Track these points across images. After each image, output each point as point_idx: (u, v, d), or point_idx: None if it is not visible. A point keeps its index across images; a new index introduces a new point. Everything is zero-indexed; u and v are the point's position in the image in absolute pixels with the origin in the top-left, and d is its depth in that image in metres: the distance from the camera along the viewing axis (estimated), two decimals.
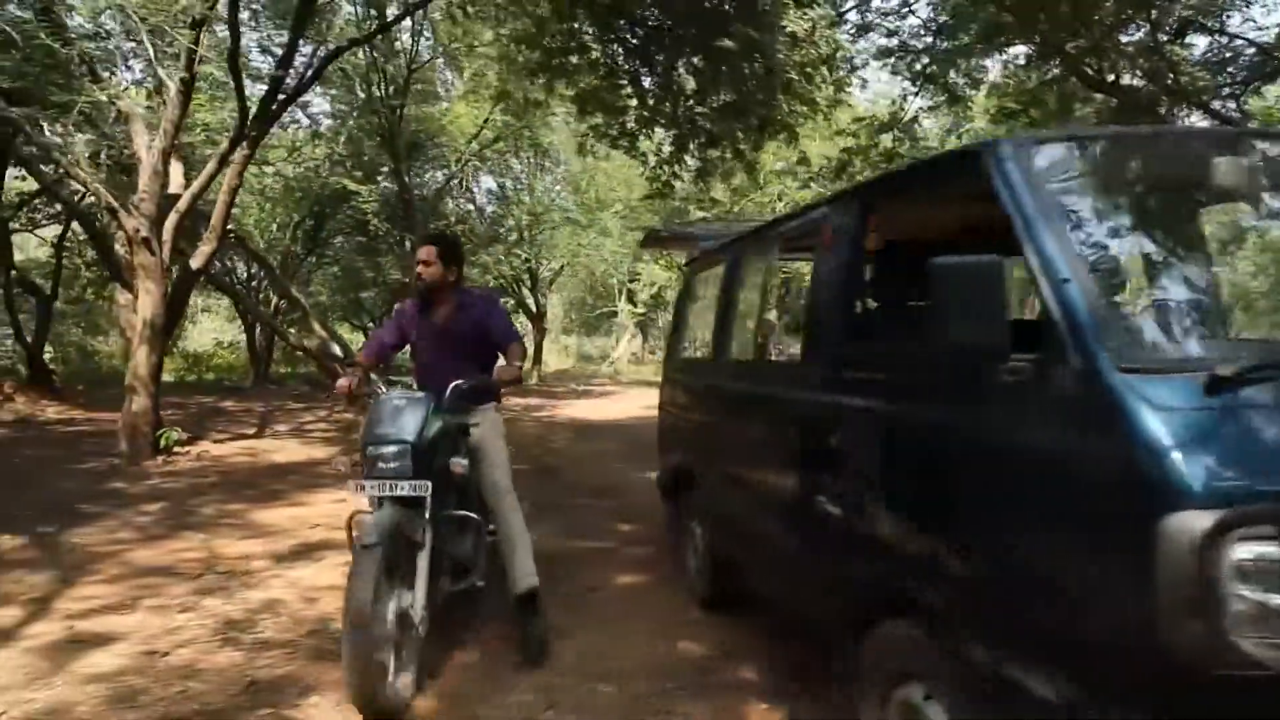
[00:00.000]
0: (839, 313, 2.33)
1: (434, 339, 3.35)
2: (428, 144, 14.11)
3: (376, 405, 2.91)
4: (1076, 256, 1.48)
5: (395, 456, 2.68)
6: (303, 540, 4.86)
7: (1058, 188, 1.64)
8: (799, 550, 2.45)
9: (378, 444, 2.72)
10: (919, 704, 1.87)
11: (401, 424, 2.73)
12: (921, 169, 2.10)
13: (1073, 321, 1.41)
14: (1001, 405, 1.54)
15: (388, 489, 2.66)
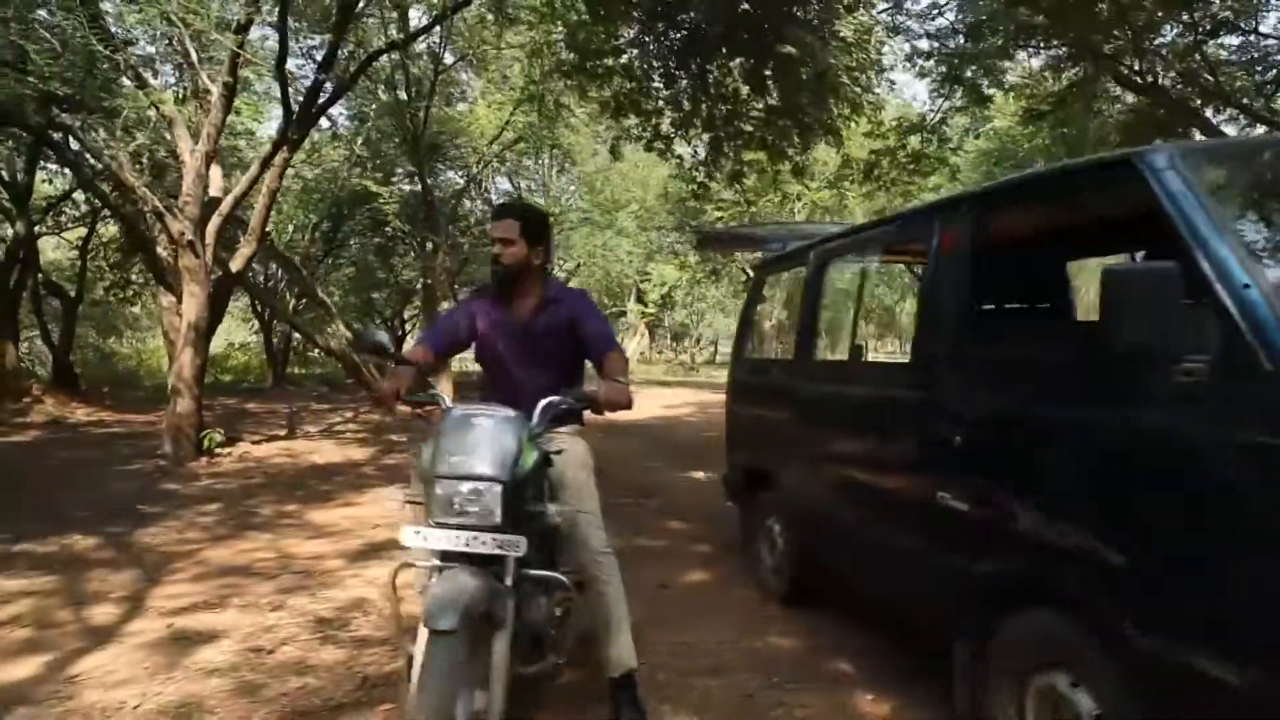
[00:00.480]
0: (959, 314, 2.39)
1: (511, 340, 2.65)
2: (448, 145, 14.18)
3: (449, 422, 2.07)
4: (1253, 261, 1.55)
5: (479, 499, 1.91)
6: (367, 540, 4.93)
7: (1218, 194, 1.71)
8: (914, 545, 2.51)
9: (453, 478, 1.93)
10: (1065, 691, 1.94)
11: (488, 452, 1.95)
12: (1059, 176, 2.17)
13: (1258, 325, 1.47)
14: (1176, 405, 1.61)
15: (463, 542, 1.90)
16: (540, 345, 2.63)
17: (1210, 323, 1.56)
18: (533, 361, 2.63)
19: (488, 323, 2.68)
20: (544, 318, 2.63)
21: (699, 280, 23.35)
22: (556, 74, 9.00)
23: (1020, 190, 2.28)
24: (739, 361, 4.44)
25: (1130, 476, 1.73)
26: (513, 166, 16.57)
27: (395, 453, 8.58)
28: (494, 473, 1.92)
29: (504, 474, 1.93)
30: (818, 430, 3.36)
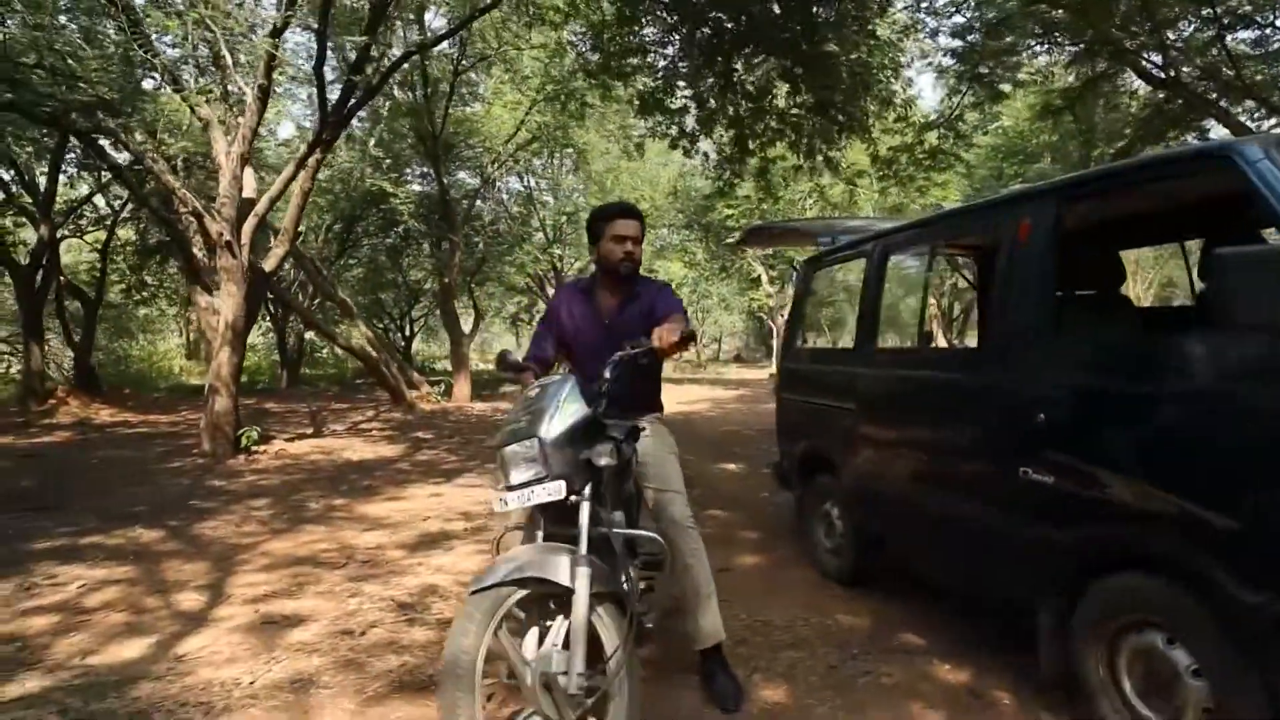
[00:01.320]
0: (1039, 300, 2.52)
1: (597, 332, 2.71)
2: (462, 145, 14.28)
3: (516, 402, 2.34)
4: None
5: (524, 456, 2.13)
6: (422, 532, 5.05)
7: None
8: (996, 520, 2.64)
9: (506, 443, 2.18)
10: (1161, 648, 2.07)
11: (528, 415, 2.18)
12: (1147, 167, 2.30)
13: None
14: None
15: (524, 498, 2.12)
16: (625, 337, 2.57)
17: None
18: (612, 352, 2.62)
19: (575, 316, 2.78)
20: (629, 310, 2.73)
21: (707, 277, 23.49)
22: (580, 73, 9.10)
23: (1105, 180, 2.41)
24: (791, 352, 4.57)
25: (1232, 444, 1.86)
26: (524, 166, 16.69)
27: (425, 449, 8.70)
28: (532, 430, 2.11)
29: (543, 430, 2.10)
30: (885, 415, 3.48)
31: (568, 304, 2.81)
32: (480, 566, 4.26)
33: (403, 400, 12.26)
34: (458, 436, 9.73)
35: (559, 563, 2.02)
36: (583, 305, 2.78)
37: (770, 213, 17.13)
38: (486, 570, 2.03)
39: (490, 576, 2.00)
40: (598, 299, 2.78)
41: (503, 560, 2.06)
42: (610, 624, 2.05)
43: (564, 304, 2.82)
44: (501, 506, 2.18)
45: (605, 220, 2.72)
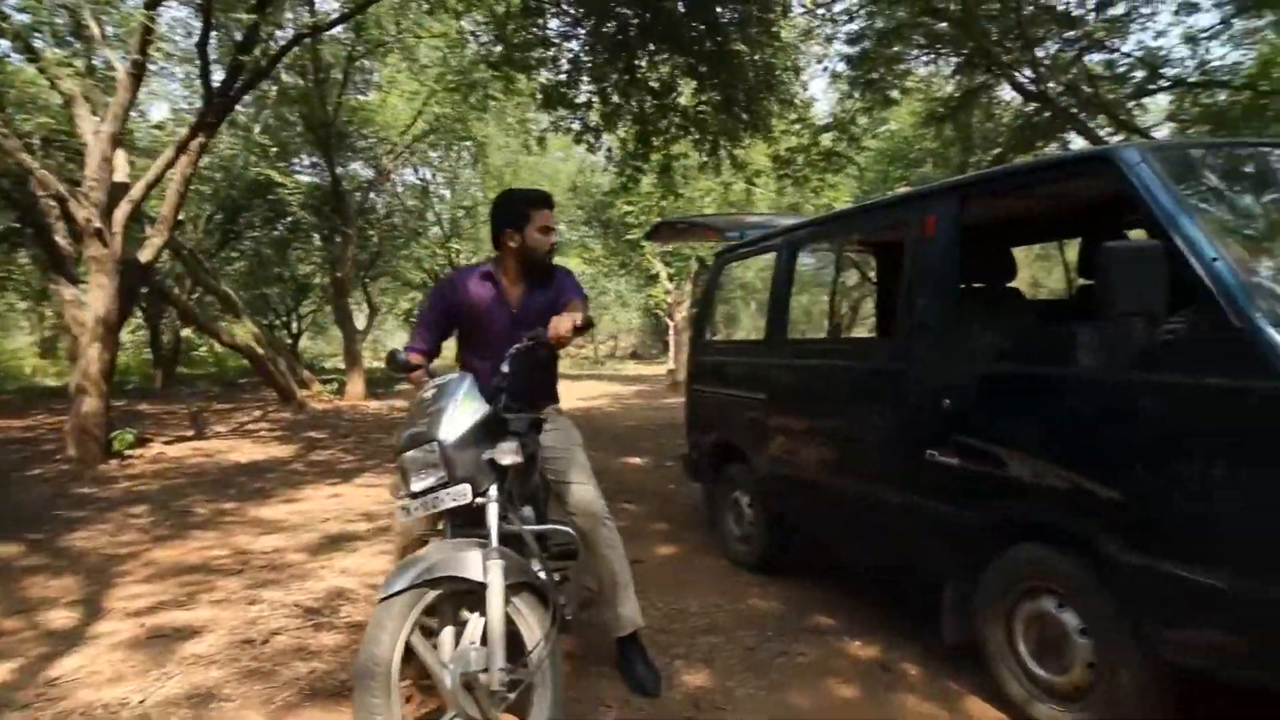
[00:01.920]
0: (945, 293, 2.68)
1: (506, 325, 2.58)
2: (355, 135, 13.70)
3: (411, 404, 2.30)
4: (1221, 239, 1.87)
5: (424, 462, 2.08)
6: (324, 534, 4.83)
7: (1183, 184, 2.04)
8: (904, 500, 2.78)
9: (405, 449, 2.14)
10: (1053, 612, 2.25)
11: (426, 418, 2.12)
12: (1040, 168, 2.48)
13: (1227, 291, 1.79)
14: (1160, 359, 1.91)
15: (429, 505, 2.07)
16: (532, 325, 2.50)
17: (1186, 290, 1.87)
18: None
19: (480, 303, 2.63)
20: (538, 298, 2.65)
21: (606, 274, 23.50)
22: (483, 64, 8.92)
23: (1003, 180, 2.59)
24: (700, 345, 4.64)
25: (1116, 423, 2.03)
26: (421, 158, 16.19)
27: (320, 449, 8.32)
28: (431, 434, 2.07)
29: (439, 431, 2.06)
30: (796, 405, 3.60)
31: (468, 290, 2.65)
32: (388, 568, 4.12)
33: (292, 399, 11.67)
34: (354, 435, 9.36)
35: (470, 558, 1.98)
36: (489, 292, 2.64)
37: (670, 210, 17.30)
38: (394, 575, 1.96)
39: (399, 581, 1.93)
40: (503, 286, 2.64)
41: (411, 562, 1.99)
42: (529, 616, 2.04)
43: (463, 290, 2.65)
44: (405, 516, 2.13)
45: (533, 207, 2.61)
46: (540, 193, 2.69)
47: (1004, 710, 2.41)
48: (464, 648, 1.95)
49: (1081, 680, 2.16)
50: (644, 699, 2.58)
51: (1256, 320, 1.74)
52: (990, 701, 2.47)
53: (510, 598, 1.98)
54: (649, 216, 17.46)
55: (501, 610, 1.94)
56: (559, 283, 2.70)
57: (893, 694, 2.60)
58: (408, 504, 2.12)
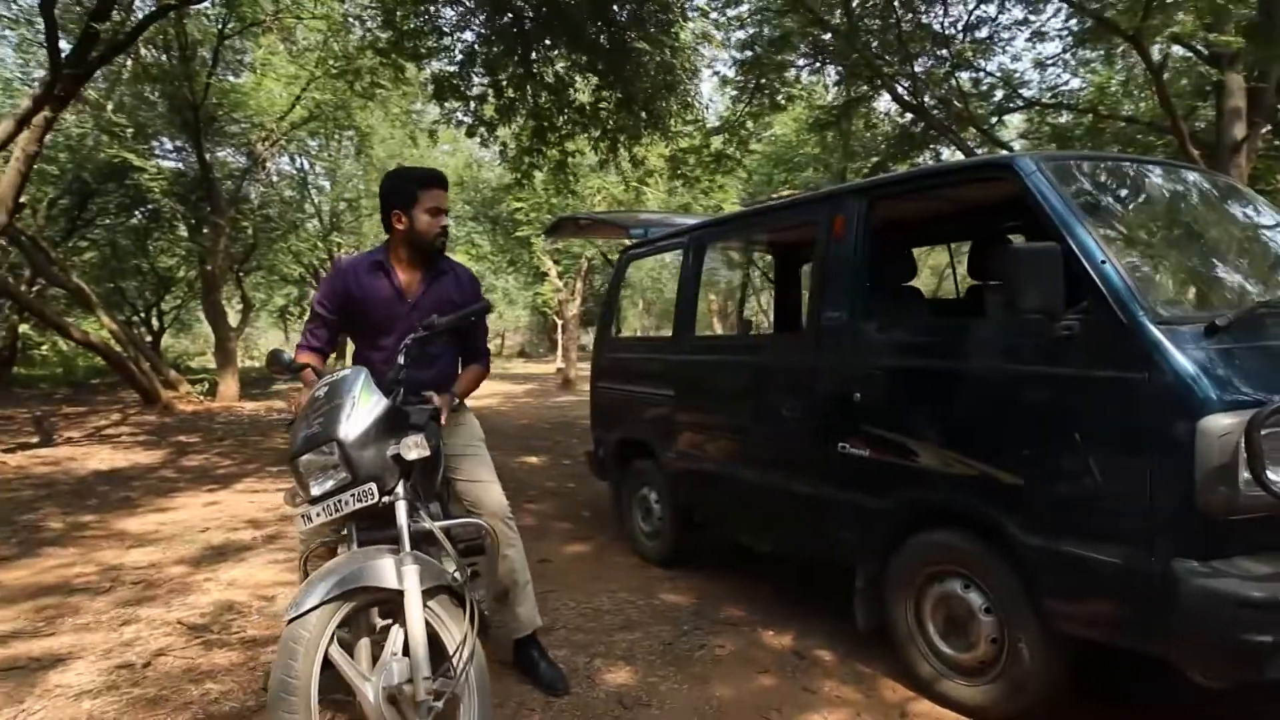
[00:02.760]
0: (853, 290, 2.79)
1: (399, 316, 2.47)
2: (226, 119, 12.78)
3: (302, 408, 2.14)
4: (1106, 242, 2.04)
5: (325, 463, 1.97)
6: (204, 545, 4.48)
7: (1074, 191, 2.21)
8: (816, 491, 2.88)
9: (300, 452, 1.99)
10: (959, 593, 2.39)
11: (323, 417, 1.99)
12: (945, 173, 2.62)
13: (1115, 291, 1.96)
14: (1057, 352, 2.06)
15: (332, 509, 1.96)
16: (427, 316, 2.41)
17: (1080, 290, 2.03)
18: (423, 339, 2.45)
19: (371, 294, 2.47)
20: (435, 289, 2.52)
21: (495, 271, 23.09)
22: (370, 51, 8.55)
23: (909, 182, 2.72)
24: (606, 341, 4.63)
25: (1017, 413, 2.18)
26: (300, 147, 15.31)
27: (193, 454, 7.72)
28: (329, 433, 1.95)
29: (339, 430, 1.94)
30: (706, 400, 3.65)
31: (358, 281, 2.48)
32: (279, 576, 3.87)
33: (157, 401, 10.78)
34: (230, 439, 8.75)
35: (384, 566, 1.89)
36: (380, 281, 2.48)
37: (561, 207, 17.20)
38: (302, 592, 1.83)
39: (309, 598, 1.81)
40: (396, 275, 2.49)
41: (319, 577, 1.86)
42: (447, 620, 1.96)
43: (352, 281, 2.48)
44: (306, 524, 2.02)
45: (419, 186, 2.43)
46: (430, 171, 2.53)
47: (914, 689, 2.54)
48: (385, 660, 1.85)
49: (986, 655, 2.31)
50: (563, 699, 2.54)
51: (1140, 318, 1.91)
52: (901, 681, 2.60)
53: (426, 602, 1.90)
54: (539, 214, 17.30)
55: (421, 618, 1.86)
56: (460, 280, 2.60)
57: (810, 680, 2.68)
58: (307, 510, 2.00)
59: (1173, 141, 8.63)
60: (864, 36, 7.88)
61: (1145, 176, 2.56)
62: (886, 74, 7.69)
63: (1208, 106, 8.99)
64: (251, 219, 13.64)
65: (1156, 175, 2.62)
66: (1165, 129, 8.55)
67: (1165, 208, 2.50)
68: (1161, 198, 2.51)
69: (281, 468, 6.99)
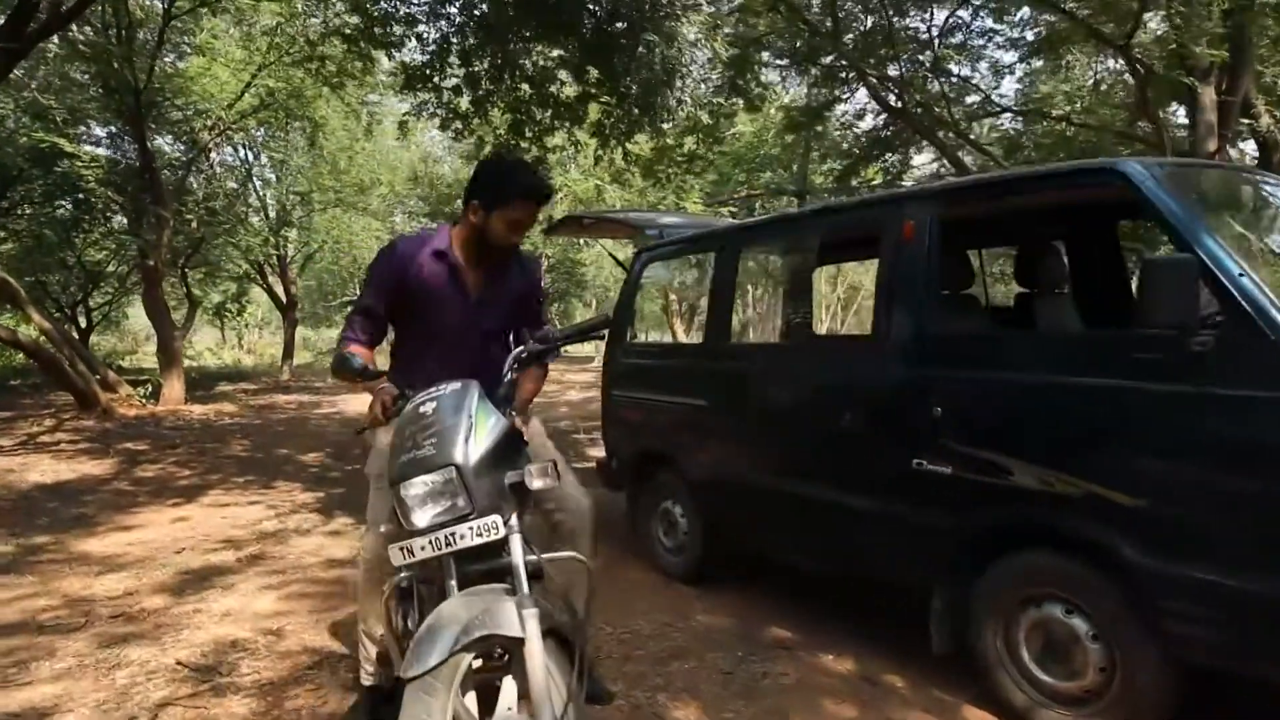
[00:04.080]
0: (925, 297, 2.66)
1: (462, 315, 2.26)
2: (168, 105, 12.01)
3: (399, 422, 1.91)
4: (1241, 253, 1.95)
5: (440, 491, 1.74)
6: (181, 569, 4.11)
7: (1193, 198, 2.12)
8: (881, 509, 2.74)
9: (409, 478, 1.75)
10: (1060, 618, 2.27)
11: (436, 438, 1.76)
12: (1044, 177, 2.51)
13: (1257, 306, 1.86)
14: (1189, 369, 1.96)
15: (442, 543, 1.73)
16: (492, 319, 2.34)
17: (1217, 303, 1.93)
18: (483, 340, 2.31)
19: (433, 286, 2.24)
20: (499, 288, 2.32)
21: None
22: (337, 37, 8.12)
23: (997, 186, 2.60)
24: (621, 346, 4.42)
25: (1139, 431, 2.08)
26: (248, 138, 14.55)
27: (146, 463, 7.18)
28: (446, 458, 1.73)
29: (458, 455, 1.72)
30: (744, 410, 3.48)
31: (419, 269, 2.24)
32: (278, 606, 3.54)
33: (96, 405, 10.05)
34: (185, 446, 8.19)
35: (506, 612, 1.66)
36: (444, 274, 2.25)
37: None
38: (419, 646, 1.61)
39: (432, 651, 1.59)
40: (460, 266, 2.27)
41: (439, 626, 1.64)
42: (554, 666, 1.73)
43: (412, 268, 2.24)
44: (406, 559, 1.78)
45: (517, 194, 2.19)
46: (538, 183, 2.27)
47: (1005, 717, 2.42)
48: (503, 714, 1.66)
49: (1093, 684, 2.20)
50: None
51: None
52: (989, 709, 2.47)
53: None
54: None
55: (544, 668, 1.64)
56: (529, 277, 2.42)
57: (891, 709, 2.54)
58: (409, 543, 1.76)
59: (1144, 150, 8.88)
60: (848, 37, 7.84)
61: (1248, 184, 2.50)
62: (871, 75, 7.66)
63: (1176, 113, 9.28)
64: (195, 212, 12.88)
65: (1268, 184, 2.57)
66: (1136, 138, 8.80)
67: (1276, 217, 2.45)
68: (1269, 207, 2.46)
69: (249, 478, 6.56)
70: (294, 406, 12.65)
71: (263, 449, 8.19)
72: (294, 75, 11.12)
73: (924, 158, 12.86)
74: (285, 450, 8.13)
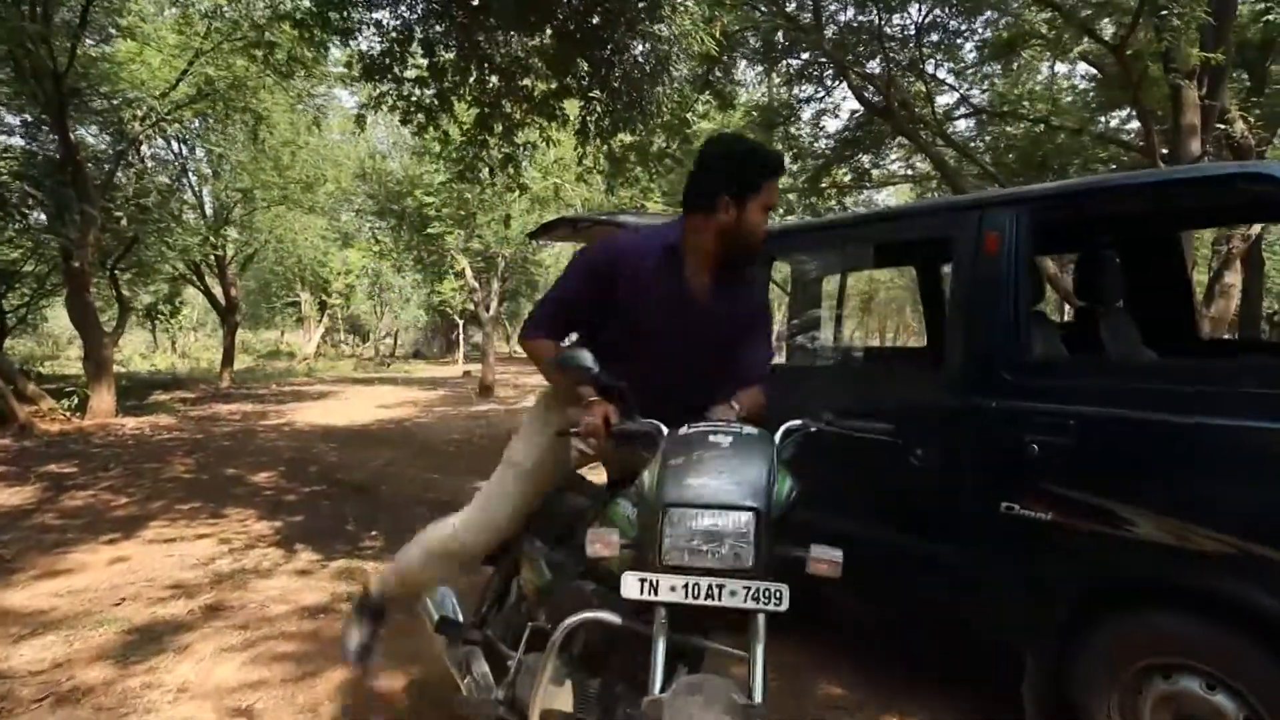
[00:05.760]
0: (1012, 318, 2.33)
1: (685, 325, 1.93)
2: (93, 93, 11.06)
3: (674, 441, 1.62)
4: None
5: (726, 533, 1.46)
6: (125, 626, 3.55)
7: None
8: (958, 557, 2.42)
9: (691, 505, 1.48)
10: (1200, 694, 1.96)
11: (736, 474, 1.51)
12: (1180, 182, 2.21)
13: None
14: None
15: (702, 591, 1.46)
16: (722, 332, 1.98)
17: None
18: (700, 356, 1.96)
19: (653, 290, 1.90)
20: (733, 297, 1.98)
21: (400, 269, 21.72)
22: (287, 22, 7.48)
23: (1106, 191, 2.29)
24: None
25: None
26: (184, 129, 13.57)
27: (74, 490, 6.45)
28: (745, 499, 1.48)
29: (758, 500, 1.47)
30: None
31: (637, 269, 1.91)
32: (246, 674, 3.03)
33: (12, 421, 9.17)
34: (119, 467, 7.44)
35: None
36: (669, 275, 1.92)
37: (473, 203, 16.24)
38: None
39: None
40: (686, 274, 1.94)
41: None
42: None
43: (628, 267, 1.91)
44: (644, 594, 1.49)
45: (766, 173, 1.88)
46: (779, 155, 1.98)
47: None
48: None
49: None
50: None
51: None
52: None
53: None
54: (451, 209, 16.28)
55: None
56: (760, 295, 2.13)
57: None
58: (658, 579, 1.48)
59: (1119, 153, 8.88)
60: (829, 31, 7.58)
61: None
62: (854, 72, 7.42)
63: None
64: (126, 209, 11.94)
65: None
66: (1113, 141, 8.78)
67: None
68: None
69: (195, 504, 5.93)
70: (238, 417, 11.84)
71: (208, 468, 7.50)
72: (235, 64, 10.34)
73: (891, 157, 12.77)
74: (233, 469, 7.46)
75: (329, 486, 6.76)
